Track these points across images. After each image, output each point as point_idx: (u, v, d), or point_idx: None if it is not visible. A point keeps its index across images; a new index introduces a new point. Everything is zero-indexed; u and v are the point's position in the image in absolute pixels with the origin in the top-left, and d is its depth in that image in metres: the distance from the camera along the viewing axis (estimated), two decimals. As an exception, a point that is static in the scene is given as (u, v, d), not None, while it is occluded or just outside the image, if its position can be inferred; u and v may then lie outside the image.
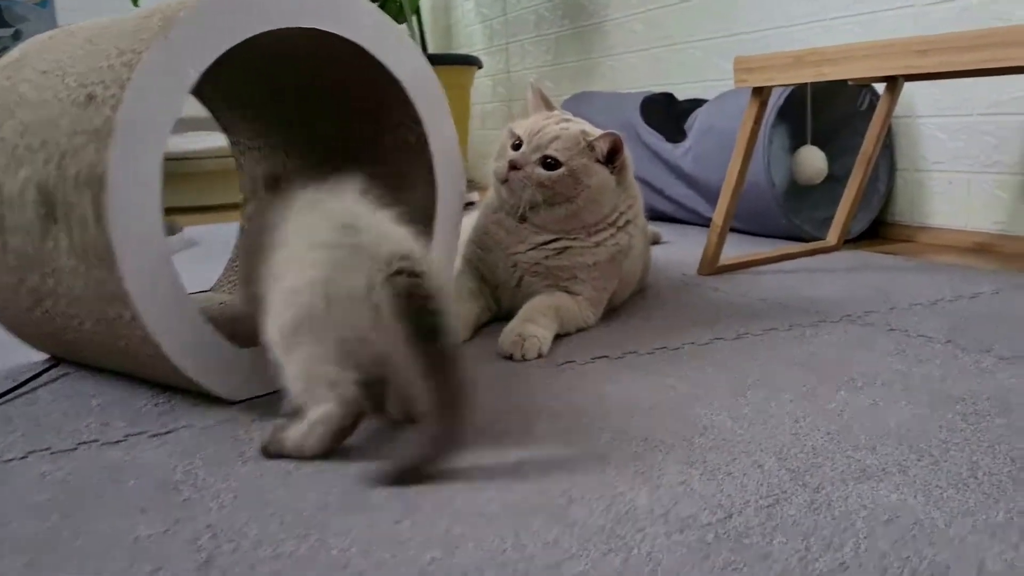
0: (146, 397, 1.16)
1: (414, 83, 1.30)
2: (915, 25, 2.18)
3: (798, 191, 2.39)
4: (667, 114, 2.83)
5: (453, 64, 3.82)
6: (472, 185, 4.36)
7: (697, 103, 2.80)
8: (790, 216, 2.24)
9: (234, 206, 1.85)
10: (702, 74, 2.93)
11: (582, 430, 0.99)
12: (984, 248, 2.10)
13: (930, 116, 2.22)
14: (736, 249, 2.08)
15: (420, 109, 1.31)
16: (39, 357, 1.37)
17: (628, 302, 1.61)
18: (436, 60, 3.79)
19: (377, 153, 1.43)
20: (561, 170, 1.36)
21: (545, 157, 1.37)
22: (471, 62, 3.89)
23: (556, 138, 1.37)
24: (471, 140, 4.34)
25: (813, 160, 2.16)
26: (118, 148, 0.99)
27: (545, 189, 1.37)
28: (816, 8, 2.47)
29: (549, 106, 1.49)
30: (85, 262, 1.05)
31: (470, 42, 4.58)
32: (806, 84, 2.05)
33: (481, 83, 4.36)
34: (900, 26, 2.23)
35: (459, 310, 1.40)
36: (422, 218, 1.38)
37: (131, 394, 1.17)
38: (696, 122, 2.52)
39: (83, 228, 1.03)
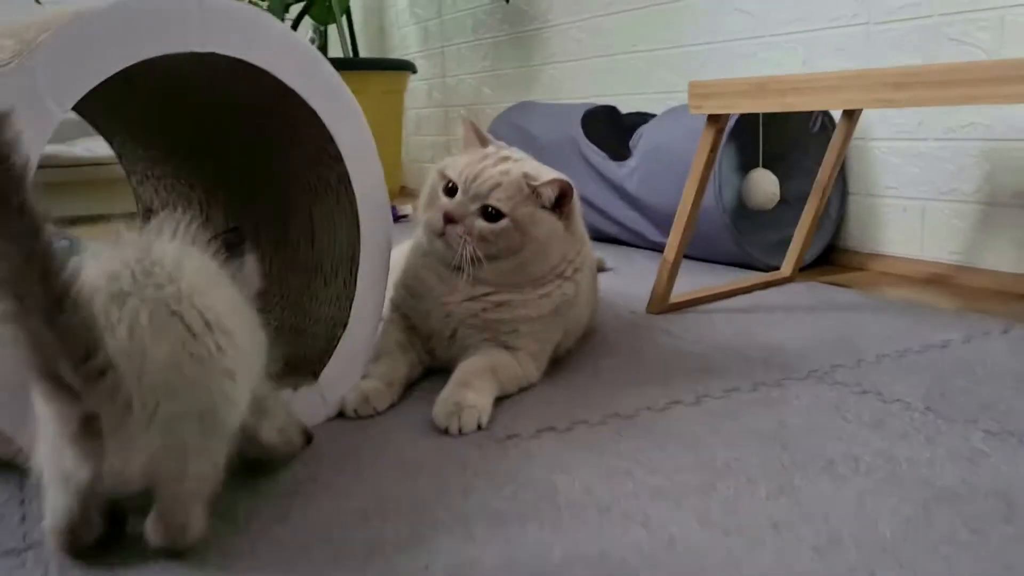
0: (10, 487, 0.97)
1: (336, 118, 1.13)
2: (865, 44, 2.08)
3: (746, 213, 2.28)
4: (610, 128, 2.70)
5: (386, 69, 3.64)
6: (406, 193, 4.18)
7: (641, 117, 2.67)
8: (741, 243, 2.12)
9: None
10: (645, 86, 2.81)
11: (529, 544, 0.84)
12: (941, 280, 2.01)
13: (884, 139, 2.13)
14: (684, 277, 1.95)
15: (342, 146, 1.14)
16: None
17: (574, 348, 1.47)
18: (368, 65, 3.62)
19: (294, 188, 1.26)
20: (504, 221, 1.21)
21: (485, 207, 1.21)
22: (405, 67, 3.71)
23: (497, 185, 1.21)
24: (405, 146, 4.16)
25: (765, 185, 2.06)
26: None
27: (487, 243, 1.21)
28: (759, 23, 2.36)
29: (484, 142, 1.33)
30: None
31: (404, 44, 4.39)
32: (759, 105, 1.94)
33: (416, 87, 4.18)
34: (846, 44, 2.13)
35: (384, 368, 1.24)
36: (344, 261, 1.21)
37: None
38: (641, 140, 2.39)
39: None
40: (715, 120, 1.56)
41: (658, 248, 2.37)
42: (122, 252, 0.74)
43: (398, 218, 3.27)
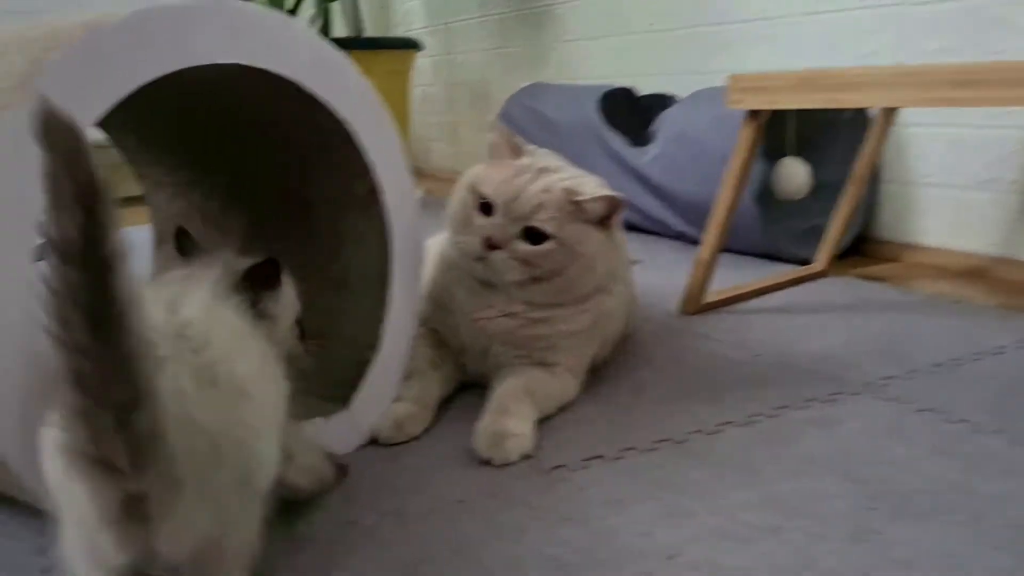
0: (29, 537, 0.90)
1: (364, 126, 1.05)
2: (899, 25, 1.99)
3: (772, 201, 2.20)
4: (628, 111, 2.61)
5: (392, 48, 3.53)
6: (414, 172, 4.09)
7: (661, 99, 2.58)
8: (769, 233, 2.05)
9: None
10: (666, 66, 2.71)
11: (595, 605, 0.77)
12: (978, 273, 1.94)
13: (921, 125, 2.04)
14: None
15: (371, 156, 1.06)
16: None
17: (612, 359, 1.40)
18: (374, 44, 3.51)
19: (318, 199, 1.18)
20: (549, 243, 1.13)
21: (529, 228, 1.13)
22: (410, 46, 3.60)
23: (540, 205, 1.13)
24: (412, 125, 4.06)
25: (796, 174, 1.98)
26: (-32, 246, 0.73)
27: (532, 267, 1.14)
28: (784, 1, 2.26)
29: (517, 152, 1.22)
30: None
31: (407, 20, 4.28)
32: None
33: (421, 63, 4.07)
34: (878, 26, 2.04)
35: (416, 389, 1.17)
36: (374, 278, 1.14)
37: (9, 532, 0.91)
38: (664, 125, 2.31)
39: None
40: (755, 116, 1.48)
41: (683, 238, 2.30)
42: (149, 310, 0.66)
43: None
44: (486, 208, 1.15)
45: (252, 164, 1.22)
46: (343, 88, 1.02)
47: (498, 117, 2.86)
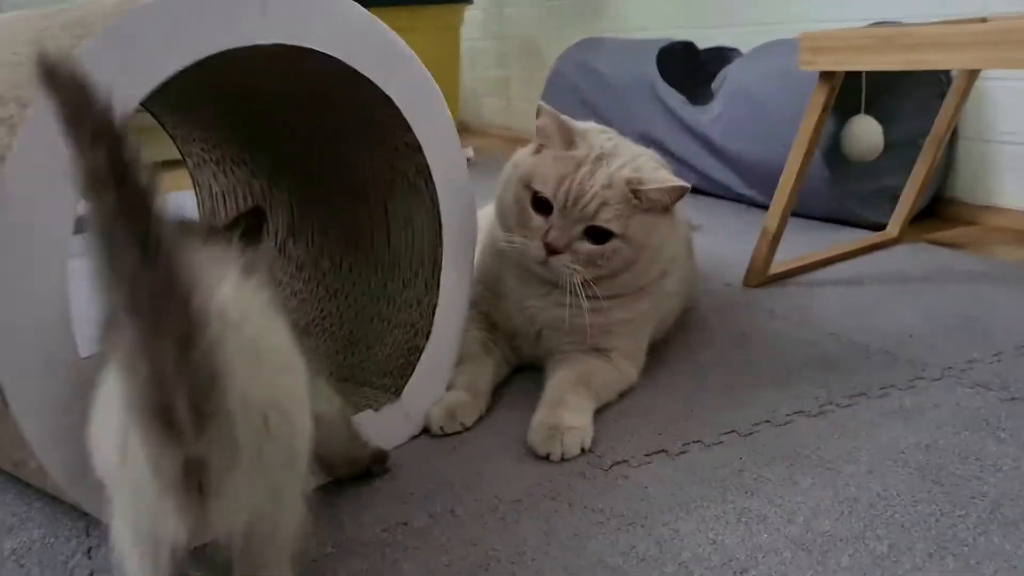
0: (76, 537, 0.88)
1: (412, 104, 0.99)
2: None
3: (839, 161, 2.08)
4: (688, 67, 2.50)
5: (441, 3, 3.44)
6: (463, 128, 4.02)
7: (722, 54, 2.47)
8: (838, 196, 1.94)
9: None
10: (728, 18, 2.59)
11: (662, 626, 0.73)
12: (1065, 237, 1.83)
13: (1001, 78, 1.91)
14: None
15: (422, 137, 1.00)
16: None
17: (671, 337, 1.33)
18: (419, 0, 3.41)
19: (365, 179, 1.13)
20: (615, 242, 1.06)
21: (591, 228, 1.07)
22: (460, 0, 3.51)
23: (603, 204, 1.05)
24: (461, 80, 3.97)
25: (869, 134, 1.86)
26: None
27: (596, 267, 1.07)
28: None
29: (570, 137, 1.10)
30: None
31: (457, -29, 4.15)
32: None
33: (470, 16, 3.97)
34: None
35: (469, 375, 1.12)
36: (425, 262, 1.09)
37: (56, 531, 0.90)
38: (726, 82, 2.20)
39: (-37, 352, 0.74)
40: (828, 77, 1.38)
41: (746, 201, 2.21)
42: None
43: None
44: (542, 205, 1.08)
45: (298, 144, 1.17)
46: (391, 65, 0.96)
47: (549, 77, 2.77)
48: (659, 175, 1.07)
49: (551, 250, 1.06)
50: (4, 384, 0.70)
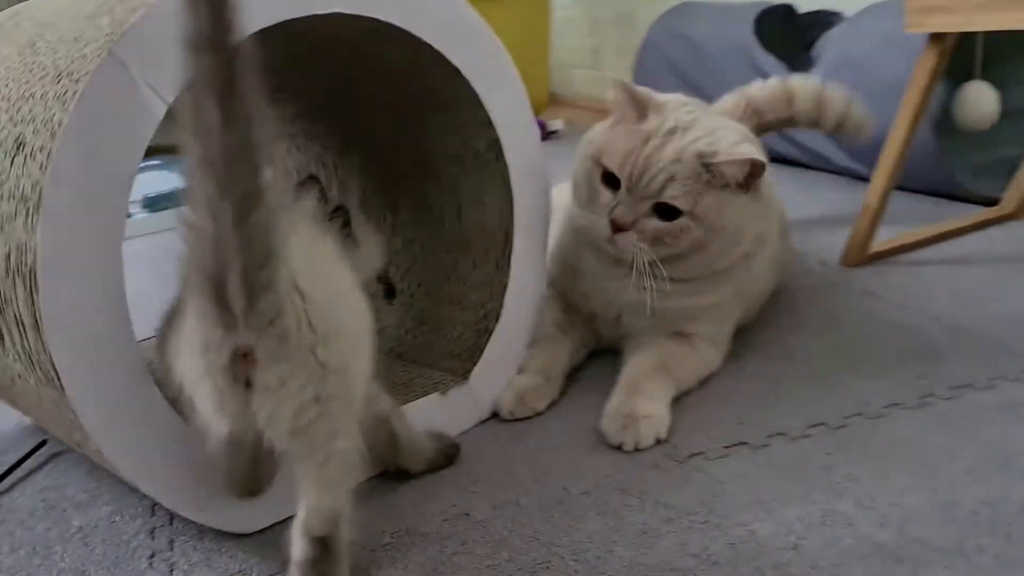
0: (142, 516, 0.89)
1: (483, 75, 0.95)
2: None
3: (950, 129, 1.94)
4: (788, 32, 2.37)
5: (531, -29, 3.37)
6: (555, 102, 3.95)
7: (825, 18, 2.33)
8: (948, 168, 1.81)
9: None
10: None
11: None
12: None
13: None
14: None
15: (493, 111, 0.96)
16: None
17: (762, 320, 1.26)
18: (512, -32, 3.34)
19: (436, 155, 1.09)
20: (684, 219, 0.99)
21: (659, 204, 1.00)
22: (551, -34, 3.43)
23: (670, 179, 0.98)
24: (552, 51, 3.90)
25: (984, 102, 1.71)
26: (50, 227, 0.68)
27: (665, 246, 1.01)
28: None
29: (643, 109, 1.05)
30: (34, 375, 0.76)
31: (548, -63, 4.06)
32: None
33: (562, -16, 3.89)
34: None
35: (542, 358, 1.08)
36: (497, 240, 1.05)
37: (123, 509, 0.90)
38: (828, 48, 2.07)
39: (21, 332, 0.73)
40: (939, 40, 1.27)
41: (846, 174, 2.09)
42: None
43: (547, 135, 3.07)
44: (611, 181, 1.03)
45: (369, 118, 1.14)
46: (460, 36, 0.92)
47: (641, 45, 2.67)
48: (738, 149, 1.00)
49: (616, 227, 1.00)
50: (59, 367, 0.69)
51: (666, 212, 0.99)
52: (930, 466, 0.88)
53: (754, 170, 0.98)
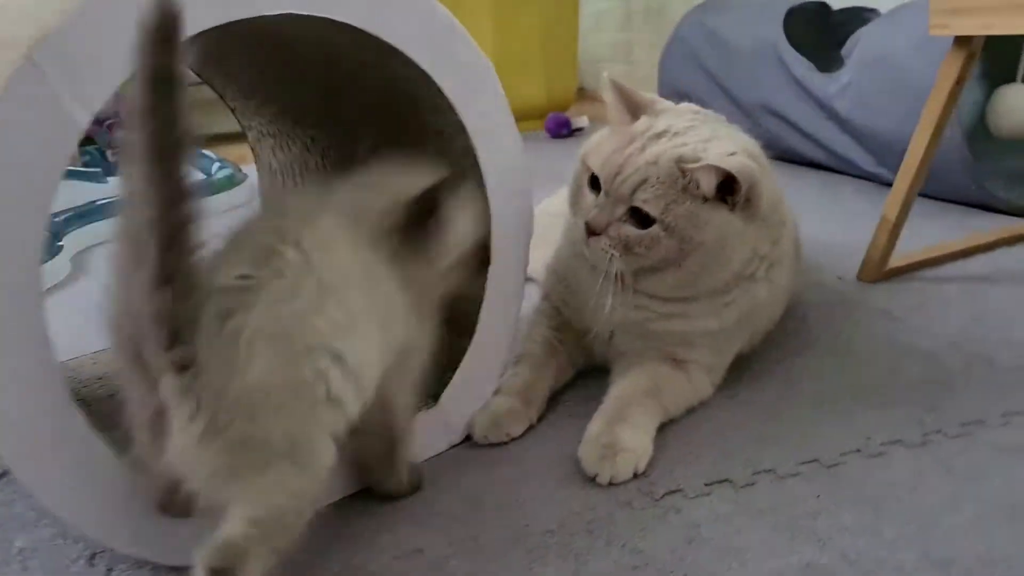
0: (84, 539, 0.84)
1: (455, 80, 0.89)
2: None
3: (981, 136, 1.83)
4: (819, 31, 2.28)
5: (560, -37, 3.29)
6: (584, 97, 3.87)
7: (859, 15, 2.23)
8: (978, 176, 1.71)
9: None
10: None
11: None
12: None
13: None
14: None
15: (466, 116, 0.90)
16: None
17: (764, 338, 1.18)
18: (541, -40, 3.27)
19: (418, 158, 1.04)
20: (654, 228, 0.92)
21: (633, 209, 0.94)
22: (580, -41, 3.35)
23: (643, 181, 0.91)
24: (583, 45, 3.82)
25: (1021, 106, 1.62)
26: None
27: (635, 256, 0.93)
28: None
29: (637, 110, 0.99)
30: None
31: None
32: None
33: (594, -24, 3.81)
34: None
35: (523, 379, 1.02)
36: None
37: (66, 531, 0.86)
38: (857, 48, 1.97)
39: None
40: (965, 43, 1.18)
41: (873, 179, 1.99)
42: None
43: (572, 131, 3.00)
44: (596, 183, 0.96)
45: (348, 121, 1.08)
46: (432, 40, 0.86)
47: (668, 43, 2.59)
48: (727, 160, 0.91)
49: (590, 231, 0.94)
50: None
51: (641, 219, 0.92)
52: (927, 516, 0.81)
53: (726, 176, 0.90)
